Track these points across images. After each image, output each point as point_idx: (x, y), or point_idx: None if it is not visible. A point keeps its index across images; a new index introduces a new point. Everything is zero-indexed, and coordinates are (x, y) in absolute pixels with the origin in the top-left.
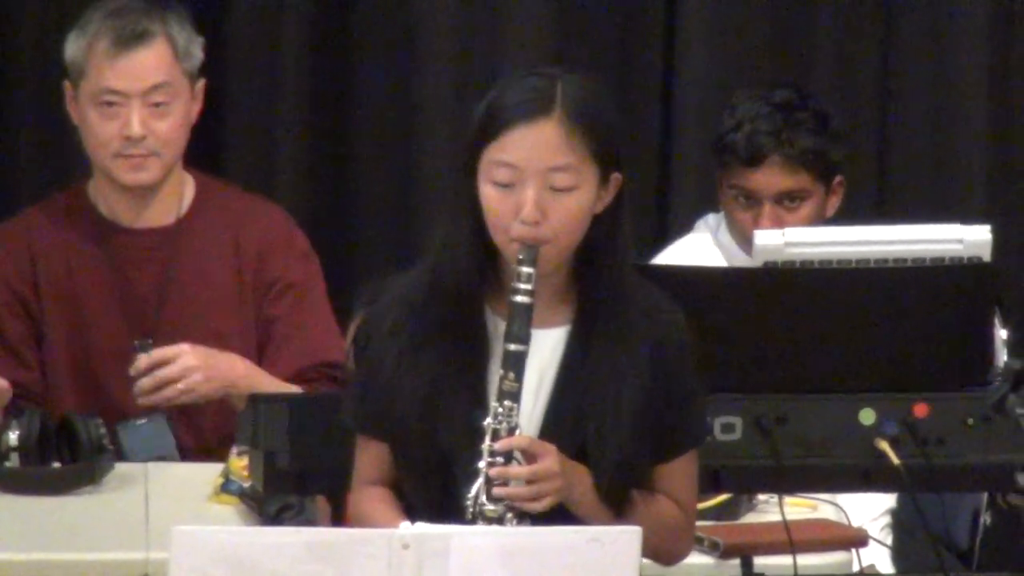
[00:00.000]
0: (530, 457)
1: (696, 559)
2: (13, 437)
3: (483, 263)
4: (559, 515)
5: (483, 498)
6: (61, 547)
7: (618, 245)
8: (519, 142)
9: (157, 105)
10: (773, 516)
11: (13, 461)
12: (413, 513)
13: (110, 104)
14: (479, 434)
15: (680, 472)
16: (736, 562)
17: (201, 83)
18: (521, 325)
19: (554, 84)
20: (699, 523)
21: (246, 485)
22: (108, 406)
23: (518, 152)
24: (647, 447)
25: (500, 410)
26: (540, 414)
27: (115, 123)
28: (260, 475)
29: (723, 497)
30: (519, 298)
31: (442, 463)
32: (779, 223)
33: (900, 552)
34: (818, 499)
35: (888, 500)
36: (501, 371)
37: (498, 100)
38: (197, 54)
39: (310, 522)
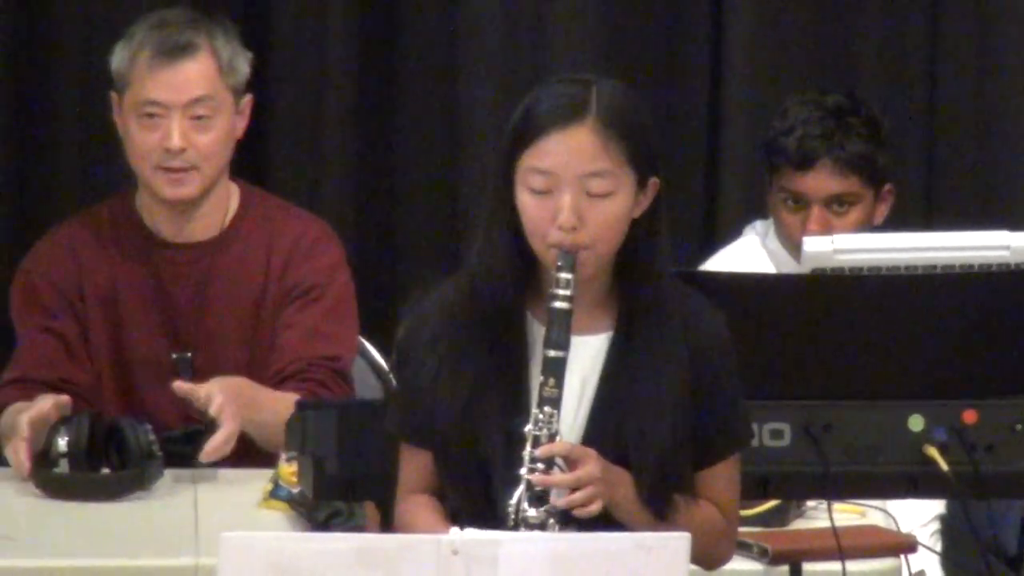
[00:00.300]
0: (571, 463)
1: (745, 565)
2: (62, 443)
3: (522, 270)
4: (602, 520)
5: (525, 504)
6: (111, 553)
7: (657, 250)
8: (554, 148)
9: (199, 118)
10: (822, 522)
11: (62, 467)
12: (458, 520)
13: (151, 116)
14: (519, 440)
15: (722, 476)
16: (785, 568)
17: (247, 98)
18: (560, 331)
19: (588, 90)
20: (747, 529)
21: (295, 491)
22: (145, 416)
23: (553, 158)
24: (688, 452)
25: (540, 416)
26: (583, 420)
27: (156, 134)
28: (309, 481)
29: (772, 503)
30: (558, 304)
31: (482, 470)
32: (827, 227)
33: (949, 558)
34: (867, 505)
35: (937, 506)
36: (541, 377)
37: (533, 107)
38: (243, 69)
39: (359, 528)
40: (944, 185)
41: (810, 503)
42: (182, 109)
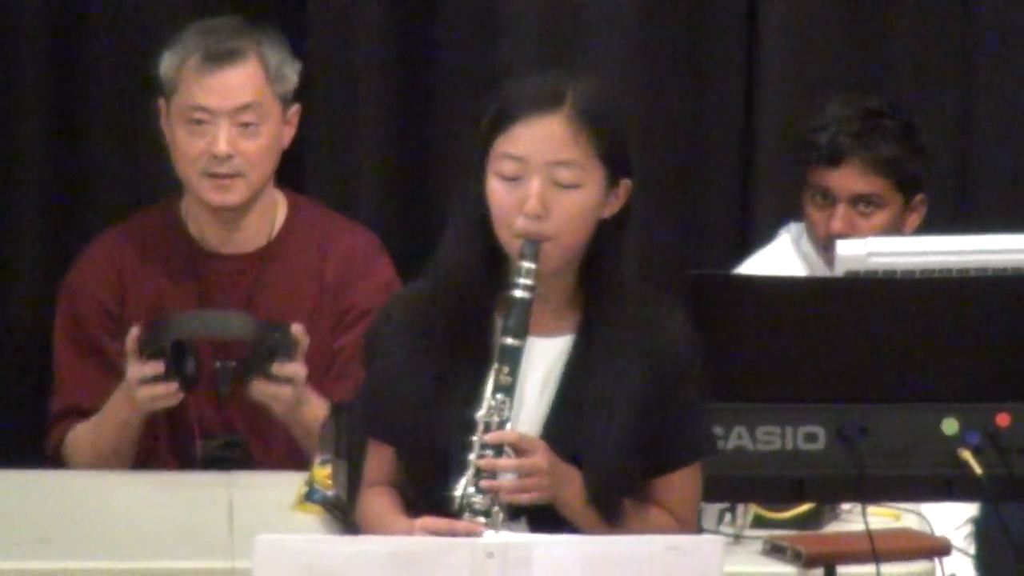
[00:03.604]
0: (520, 452)
1: (779, 568)
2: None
3: (489, 263)
4: (550, 516)
5: (471, 490)
6: (146, 555)
7: (623, 253)
8: (526, 135)
9: (246, 125)
10: (856, 525)
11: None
12: (414, 511)
13: (199, 122)
14: (471, 429)
15: (678, 485)
16: (819, 571)
17: (295, 108)
18: (519, 320)
19: (566, 82)
20: (782, 532)
21: (330, 494)
22: (190, 425)
23: (524, 145)
24: (640, 457)
25: (493, 404)
26: (541, 419)
27: (203, 140)
28: (343, 484)
29: (806, 506)
30: (519, 293)
31: (441, 462)
32: (851, 226)
33: (983, 561)
34: (901, 508)
35: (970, 508)
36: (496, 364)
37: (509, 95)
38: (291, 77)
39: None
40: (977, 188)
41: (844, 506)
42: (229, 115)
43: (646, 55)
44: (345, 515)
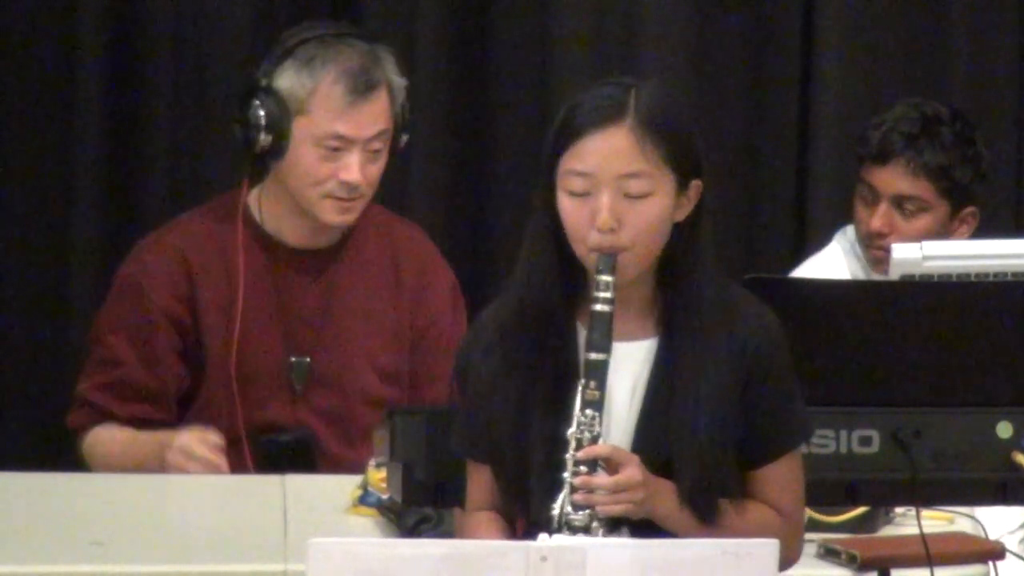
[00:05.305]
0: (612, 466)
1: (833, 572)
2: None
3: (567, 277)
4: (649, 527)
5: (568, 507)
6: (200, 559)
7: (698, 253)
8: (591, 150)
9: (375, 151)
10: (910, 529)
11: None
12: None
13: (334, 149)
14: (561, 446)
15: (777, 476)
16: (874, 575)
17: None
18: (601, 334)
19: (627, 92)
20: (836, 536)
21: (384, 497)
22: (264, 421)
23: (590, 160)
24: (733, 454)
25: (583, 420)
26: (632, 426)
27: (334, 166)
28: (398, 487)
29: (860, 510)
30: (598, 307)
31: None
32: (891, 225)
33: None
34: (955, 512)
35: None
36: (583, 380)
37: (572, 111)
38: (403, 96)
39: (448, 534)
40: None
41: (898, 510)
42: (363, 144)
43: (700, 62)
44: (399, 518)
